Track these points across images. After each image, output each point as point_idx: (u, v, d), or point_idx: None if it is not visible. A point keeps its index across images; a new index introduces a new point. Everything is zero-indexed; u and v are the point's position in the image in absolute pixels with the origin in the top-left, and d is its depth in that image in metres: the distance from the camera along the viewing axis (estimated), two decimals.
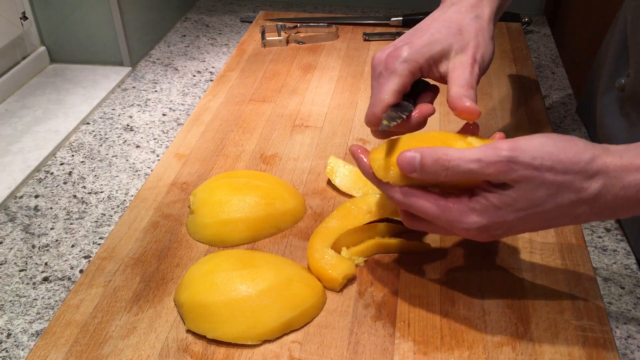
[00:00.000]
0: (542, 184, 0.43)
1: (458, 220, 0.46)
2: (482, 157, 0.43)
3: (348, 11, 1.22)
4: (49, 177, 0.74)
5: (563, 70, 1.00)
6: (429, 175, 0.46)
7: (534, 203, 0.44)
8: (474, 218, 0.46)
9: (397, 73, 0.52)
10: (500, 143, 0.44)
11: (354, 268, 0.57)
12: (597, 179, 0.43)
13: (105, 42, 0.96)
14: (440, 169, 0.45)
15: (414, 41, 0.53)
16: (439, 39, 0.53)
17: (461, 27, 0.54)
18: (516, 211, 0.45)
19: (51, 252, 0.63)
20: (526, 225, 0.46)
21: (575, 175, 0.43)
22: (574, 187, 0.43)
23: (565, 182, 0.43)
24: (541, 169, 0.43)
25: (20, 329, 0.55)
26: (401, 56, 0.53)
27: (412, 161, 0.46)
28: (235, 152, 0.76)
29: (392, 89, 0.52)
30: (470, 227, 0.46)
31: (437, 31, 0.54)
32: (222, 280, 0.53)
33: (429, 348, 0.51)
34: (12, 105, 0.88)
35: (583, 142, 0.44)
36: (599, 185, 0.43)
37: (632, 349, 0.53)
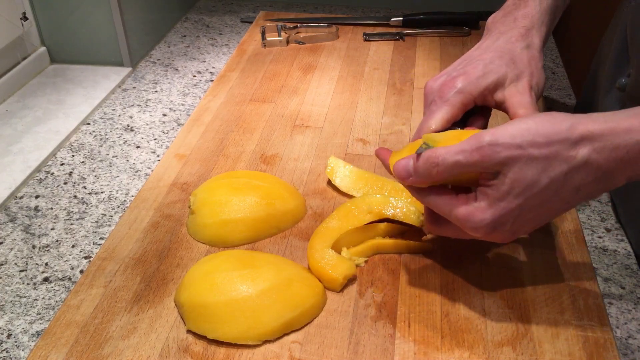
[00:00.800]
0: (529, 161, 0.44)
1: (466, 219, 0.47)
2: (466, 147, 0.45)
3: (348, 11, 1.22)
4: (49, 177, 0.74)
5: (563, 70, 1.00)
6: (423, 176, 0.47)
7: (528, 183, 0.44)
8: (479, 216, 0.46)
9: (449, 103, 0.54)
10: (483, 132, 0.45)
11: (354, 268, 0.57)
12: (583, 144, 0.43)
13: (105, 42, 0.96)
14: (431, 167, 0.46)
15: (469, 71, 0.54)
16: (493, 69, 0.54)
17: (514, 57, 0.55)
18: (516, 197, 0.45)
19: (51, 253, 0.63)
20: (532, 211, 0.46)
21: (559, 145, 0.43)
22: (561, 157, 0.43)
23: (552, 153, 0.43)
24: (523, 146, 0.43)
25: (21, 329, 0.55)
26: (456, 87, 0.54)
27: (407, 166, 0.48)
28: (235, 152, 0.76)
29: (441, 118, 0.54)
30: (479, 225, 0.47)
31: (490, 61, 0.55)
32: (223, 280, 0.53)
33: (430, 348, 0.51)
34: (13, 105, 0.88)
35: (561, 113, 0.45)
36: (587, 151, 0.43)
37: (632, 349, 0.53)
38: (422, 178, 0.48)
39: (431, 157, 0.46)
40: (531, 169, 0.44)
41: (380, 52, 1.01)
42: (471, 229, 0.47)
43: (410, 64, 0.97)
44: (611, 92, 0.71)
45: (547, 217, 0.48)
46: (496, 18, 0.61)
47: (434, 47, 1.02)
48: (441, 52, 1.01)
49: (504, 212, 0.46)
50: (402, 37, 1.05)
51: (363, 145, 0.77)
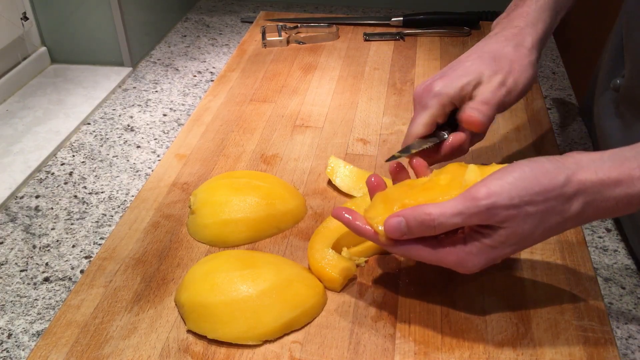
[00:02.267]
0: (527, 218, 0.45)
1: (458, 264, 0.48)
2: (463, 210, 0.45)
3: (348, 11, 1.22)
4: (49, 177, 0.74)
5: (564, 70, 1.00)
6: (417, 235, 0.48)
7: (524, 235, 0.46)
8: (473, 260, 0.47)
9: (428, 107, 0.56)
10: (475, 191, 0.45)
11: (355, 268, 0.57)
12: (577, 198, 0.44)
13: (105, 42, 0.96)
14: (428, 229, 0.47)
15: (448, 74, 0.57)
16: (471, 70, 0.56)
17: (496, 56, 0.57)
18: (510, 245, 0.47)
19: (52, 253, 0.63)
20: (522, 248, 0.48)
21: (555, 200, 0.44)
22: (556, 211, 0.45)
23: (548, 209, 0.45)
24: (521, 206, 0.44)
25: (21, 329, 0.55)
26: (433, 90, 0.56)
27: (399, 226, 0.48)
28: (235, 152, 0.76)
29: (422, 122, 0.56)
30: (472, 269, 0.48)
31: (471, 63, 0.57)
32: (223, 280, 0.53)
33: (430, 348, 0.51)
34: (13, 105, 0.88)
35: (552, 164, 0.45)
36: (579, 204, 0.45)
37: (632, 349, 0.53)
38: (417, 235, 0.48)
39: (426, 221, 0.46)
40: (528, 224, 0.45)
41: (381, 52, 1.01)
42: (464, 271, 0.49)
43: (411, 64, 0.97)
44: (606, 92, 0.71)
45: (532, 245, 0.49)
46: (499, 20, 0.63)
47: (434, 47, 1.02)
48: (441, 52, 1.01)
49: (497, 255, 0.47)
50: (403, 37, 1.05)
51: (363, 145, 0.77)
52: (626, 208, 0.45)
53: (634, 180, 0.43)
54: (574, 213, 0.45)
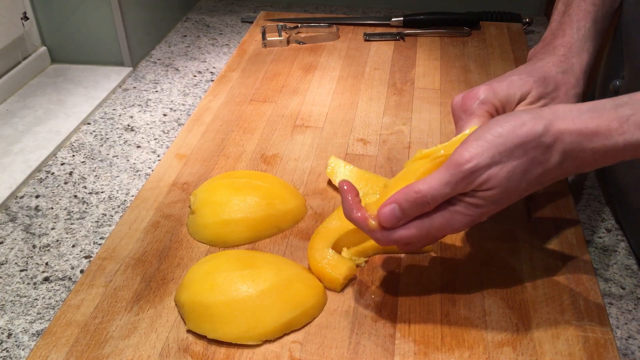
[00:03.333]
0: (510, 173, 0.45)
1: (446, 226, 0.48)
2: (450, 179, 0.45)
3: (349, 11, 1.22)
4: (49, 177, 0.74)
5: None
6: (415, 214, 0.47)
7: (509, 189, 0.46)
8: (460, 219, 0.47)
9: (475, 114, 0.53)
10: (458, 157, 0.45)
11: (355, 268, 0.57)
12: (556, 147, 0.44)
13: (106, 42, 0.96)
14: (422, 206, 0.46)
15: (493, 84, 0.54)
16: (518, 83, 0.54)
17: (547, 77, 0.55)
18: (495, 202, 0.46)
19: (52, 252, 0.63)
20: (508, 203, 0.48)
21: (535, 151, 0.44)
22: (538, 161, 0.45)
23: (529, 160, 0.45)
24: (503, 162, 0.45)
25: (21, 329, 0.55)
26: (478, 97, 0.53)
27: (393, 212, 0.47)
28: (235, 152, 0.76)
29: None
30: (460, 227, 0.48)
31: (518, 77, 0.55)
32: (223, 280, 0.53)
33: (430, 348, 0.51)
34: (13, 105, 0.88)
35: (528, 114, 0.45)
36: (559, 154, 0.45)
37: (632, 349, 0.53)
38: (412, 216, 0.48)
39: (418, 199, 0.46)
40: (512, 179, 0.45)
41: (381, 52, 1.01)
42: (452, 231, 0.48)
43: (411, 64, 0.97)
44: (606, 94, 0.71)
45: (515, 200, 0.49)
46: (536, 50, 0.61)
47: (435, 47, 1.02)
48: (441, 52, 1.01)
49: (483, 211, 0.47)
50: (403, 37, 1.05)
51: (363, 145, 0.77)
52: (603, 160, 0.45)
53: (611, 132, 0.43)
54: (555, 163, 0.45)
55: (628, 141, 0.43)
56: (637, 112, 0.43)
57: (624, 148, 0.44)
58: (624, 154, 0.44)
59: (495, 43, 1.03)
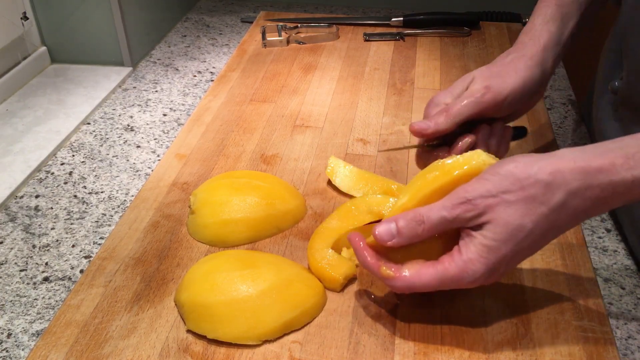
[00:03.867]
0: (507, 207, 0.45)
1: (461, 276, 0.47)
2: (447, 203, 0.47)
3: (349, 11, 1.22)
4: (49, 177, 0.74)
5: (564, 70, 1.00)
6: (408, 236, 0.48)
7: (513, 227, 0.45)
8: (474, 268, 0.47)
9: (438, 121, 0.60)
10: (459, 189, 0.47)
11: (355, 268, 0.57)
12: (558, 187, 0.44)
13: (106, 42, 0.96)
14: (416, 226, 0.47)
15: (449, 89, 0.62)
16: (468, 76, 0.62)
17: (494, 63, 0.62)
18: (505, 243, 0.46)
19: (52, 252, 0.63)
20: (524, 252, 0.48)
21: (532, 188, 0.45)
22: (538, 200, 0.45)
23: (527, 196, 0.45)
24: (498, 195, 0.45)
25: (21, 329, 0.55)
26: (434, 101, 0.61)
27: (389, 229, 0.48)
28: (235, 152, 0.76)
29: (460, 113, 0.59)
30: (476, 278, 0.47)
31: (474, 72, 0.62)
32: (223, 280, 0.53)
33: (430, 348, 0.51)
34: (13, 105, 0.88)
35: (528, 158, 0.46)
36: (562, 193, 0.44)
37: (632, 349, 0.53)
38: (405, 239, 0.48)
39: (415, 217, 0.47)
40: (512, 214, 0.45)
41: (381, 52, 1.01)
42: (469, 283, 0.48)
43: (411, 64, 0.97)
44: (605, 94, 0.71)
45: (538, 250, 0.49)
46: None
47: (434, 47, 1.02)
48: (441, 52, 1.01)
49: (497, 257, 0.46)
50: (403, 37, 1.05)
51: (363, 145, 0.77)
52: (613, 198, 0.44)
53: (616, 167, 0.43)
54: (559, 202, 0.44)
55: (636, 176, 0.43)
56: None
57: (634, 183, 0.43)
58: (634, 190, 0.44)
59: (495, 43, 1.03)
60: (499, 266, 0.47)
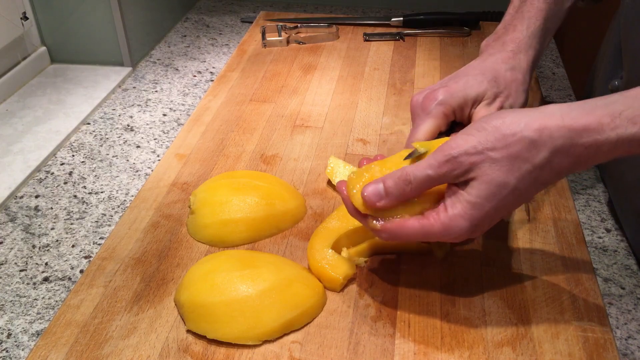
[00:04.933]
0: (493, 163, 0.45)
1: (445, 233, 0.48)
2: (433, 161, 0.47)
3: (348, 11, 1.22)
4: (49, 177, 0.74)
5: (563, 70, 1.00)
6: (396, 196, 0.48)
7: (498, 184, 0.45)
8: (458, 224, 0.47)
9: (431, 115, 0.57)
10: (444, 145, 0.47)
11: (355, 268, 0.57)
12: (543, 145, 0.44)
13: (105, 42, 0.96)
14: (404, 185, 0.48)
15: (450, 85, 0.58)
16: (474, 84, 0.58)
17: (497, 76, 0.59)
18: (489, 200, 0.46)
19: (51, 252, 0.63)
20: (508, 207, 0.47)
21: (518, 145, 0.44)
22: (523, 157, 0.45)
23: (512, 153, 0.45)
24: (484, 151, 0.45)
25: (21, 329, 0.55)
26: (437, 99, 0.57)
27: (376, 191, 0.49)
28: (235, 152, 0.76)
29: (426, 130, 0.57)
30: (460, 234, 0.48)
31: (473, 77, 0.58)
32: (223, 280, 0.53)
33: (430, 348, 0.51)
34: (13, 105, 0.88)
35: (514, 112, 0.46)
36: (547, 151, 0.44)
37: (632, 349, 0.53)
38: (394, 199, 0.48)
39: (402, 176, 0.48)
40: (497, 171, 0.45)
41: (381, 52, 1.01)
42: (451, 238, 0.48)
43: (411, 64, 0.97)
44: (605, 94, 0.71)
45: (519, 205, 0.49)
46: (488, 42, 0.64)
47: (434, 47, 1.02)
48: (441, 52, 1.01)
49: (481, 213, 0.47)
50: (402, 38, 1.05)
51: (363, 145, 0.77)
52: (597, 156, 0.44)
53: (603, 126, 0.43)
54: (543, 160, 0.44)
55: (621, 135, 0.43)
56: (628, 108, 0.43)
57: (617, 143, 0.43)
58: (618, 149, 0.44)
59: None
60: (482, 222, 0.47)
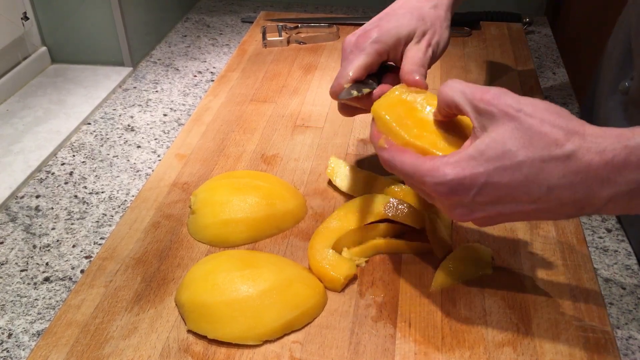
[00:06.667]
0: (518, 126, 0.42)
1: (428, 174, 0.45)
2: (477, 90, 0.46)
3: (349, 11, 1.22)
4: (50, 177, 0.74)
5: (564, 70, 1.00)
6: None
7: (505, 149, 0.43)
8: (444, 170, 0.44)
9: (365, 52, 0.58)
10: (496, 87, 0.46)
11: (355, 268, 0.57)
12: (574, 139, 0.42)
13: (106, 42, 0.96)
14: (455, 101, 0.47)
15: (383, 25, 0.59)
16: (404, 23, 0.59)
17: (422, 14, 0.60)
18: (487, 161, 0.43)
19: (52, 252, 0.63)
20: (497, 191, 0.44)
21: (551, 128, 0.42)
22: (547, 140, 0.42)
23: (541, 131, 0.42)
24: (521, 111, 0.43)
25: (22, 329, 0.55)
26: (371, 37, 0.58)
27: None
28: (236, 152, 0.76)
29: (358, 65, 0.58)
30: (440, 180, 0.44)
31: (402, 16, 0.59)
32: (223, 280, 0.53)
33: (430, 348, 0.51)
34: (13, 105, 0.88)
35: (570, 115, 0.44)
36: (575, 145, 0.41)
37: (633, 349, 0.53)
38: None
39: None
40: (514, 137, 0.42)
41: None
42: (432, 184, 0.45)
43: None
44: (614, 95, 0.71)
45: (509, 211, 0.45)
46: None
47: None
48: None
49: (468, 173, 0.43)
50: None
51: (364, 145, 0.77)
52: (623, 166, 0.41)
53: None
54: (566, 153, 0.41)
55: None
56: None
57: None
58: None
59: (496, 43, 1.03)
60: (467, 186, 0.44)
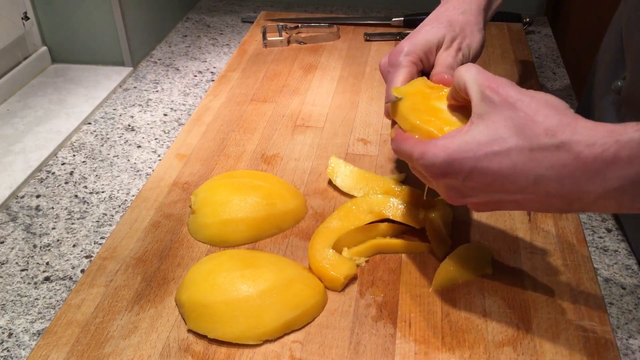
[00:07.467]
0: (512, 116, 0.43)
1: (420, 155, 0.47)
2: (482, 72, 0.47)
3: (349, 11, 1.22)
4: (50, 177, 0.74)
5: (564, 70, 1.00)
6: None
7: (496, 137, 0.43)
8: (436, 150, 0.46)
9: (401, 66, 0.59)
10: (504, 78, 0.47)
11: (355, 268, 0.57)
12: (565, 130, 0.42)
13: (106, 42, 0.96)
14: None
15: (413, 38, 0.61)
16: (433, 32, 0.61)
17: (451, 21, 0.62)
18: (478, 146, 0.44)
19: (52, 252, 0.63)
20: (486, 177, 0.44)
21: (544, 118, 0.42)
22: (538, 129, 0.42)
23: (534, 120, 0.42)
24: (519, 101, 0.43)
25: (22, 328, 0.55)
26: (403, 51, 0.60)
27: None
28: (236, 152, 0.76)
29: (399, 80, 0.59)
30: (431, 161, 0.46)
31: (430, 27, 0.62)
32: (224, 280, 0.53)
33: (430, 348, 0.51)
34: (14, 105, 0.88)
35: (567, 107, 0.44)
36: (564, 136, 0.41)
37: (633, 349, 0.53)
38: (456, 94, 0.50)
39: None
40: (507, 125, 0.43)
41: (381, 52, 1.01)
42: (424, 165, 0.47)
43: None
44: (607, 94, 0.71)
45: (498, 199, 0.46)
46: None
47: None
48: None
49: (457, 156, 0.44)
50: (403, 37, 1.05)
51: (364, 145, 0.77)
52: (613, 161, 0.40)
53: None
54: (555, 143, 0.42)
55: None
56: None
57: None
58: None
59: (496, 43, 1.03)
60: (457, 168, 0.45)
